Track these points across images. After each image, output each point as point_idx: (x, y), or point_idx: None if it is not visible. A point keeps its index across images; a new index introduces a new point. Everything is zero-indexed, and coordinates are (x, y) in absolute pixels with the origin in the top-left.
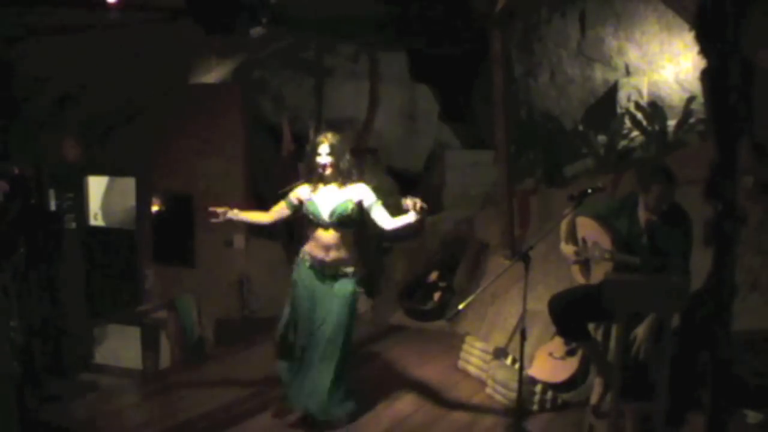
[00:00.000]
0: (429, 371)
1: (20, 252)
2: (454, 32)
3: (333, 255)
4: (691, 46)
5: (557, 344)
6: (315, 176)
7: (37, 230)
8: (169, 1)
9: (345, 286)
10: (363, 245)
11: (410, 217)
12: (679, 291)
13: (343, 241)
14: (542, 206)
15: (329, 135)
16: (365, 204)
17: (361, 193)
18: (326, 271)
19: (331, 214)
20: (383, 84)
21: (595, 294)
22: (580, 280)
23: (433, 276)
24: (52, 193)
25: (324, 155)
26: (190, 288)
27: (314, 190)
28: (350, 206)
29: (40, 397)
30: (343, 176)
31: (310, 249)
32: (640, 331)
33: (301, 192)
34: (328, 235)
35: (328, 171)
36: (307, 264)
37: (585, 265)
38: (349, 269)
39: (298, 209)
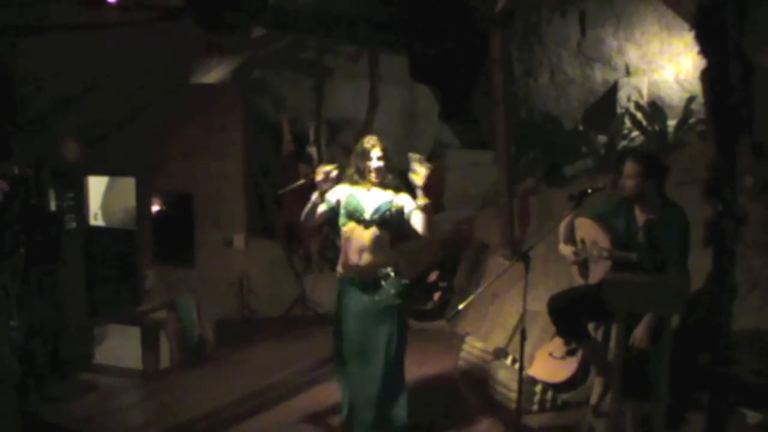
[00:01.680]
0: (429, 371)
1: (20, 252)
2: (454, 32)
3: (366, 258)
4: (691, 46)
5: (557, 344)
6: (363, 179)
7: (37, 230)
8: (170, 1)
9: (388, 295)
10: None
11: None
12: (679, 291)
13: (379, 244)
14: (542, 206)
15: (375, 138)
16: (406, 210)
17: (403, 199)
18: (365, 278)
19: (375, 211)
20: (383, 84)
21: (594, 294)
22: (579, 280)
23: (433, 276)
24: (52, 193)
25: (375, 159)
26: (190, 288)
27: (359, 188)
28: (394, 207)
29: (40, 397)
30: (392, 177)
31: (343, 259)
32: (639, 330)
33: (339, 192)
34: (365, 235)
35: (379, 175)
36: (345, 282)
37: (584, 265)
38: (387, 271)
39: (335, 210)
